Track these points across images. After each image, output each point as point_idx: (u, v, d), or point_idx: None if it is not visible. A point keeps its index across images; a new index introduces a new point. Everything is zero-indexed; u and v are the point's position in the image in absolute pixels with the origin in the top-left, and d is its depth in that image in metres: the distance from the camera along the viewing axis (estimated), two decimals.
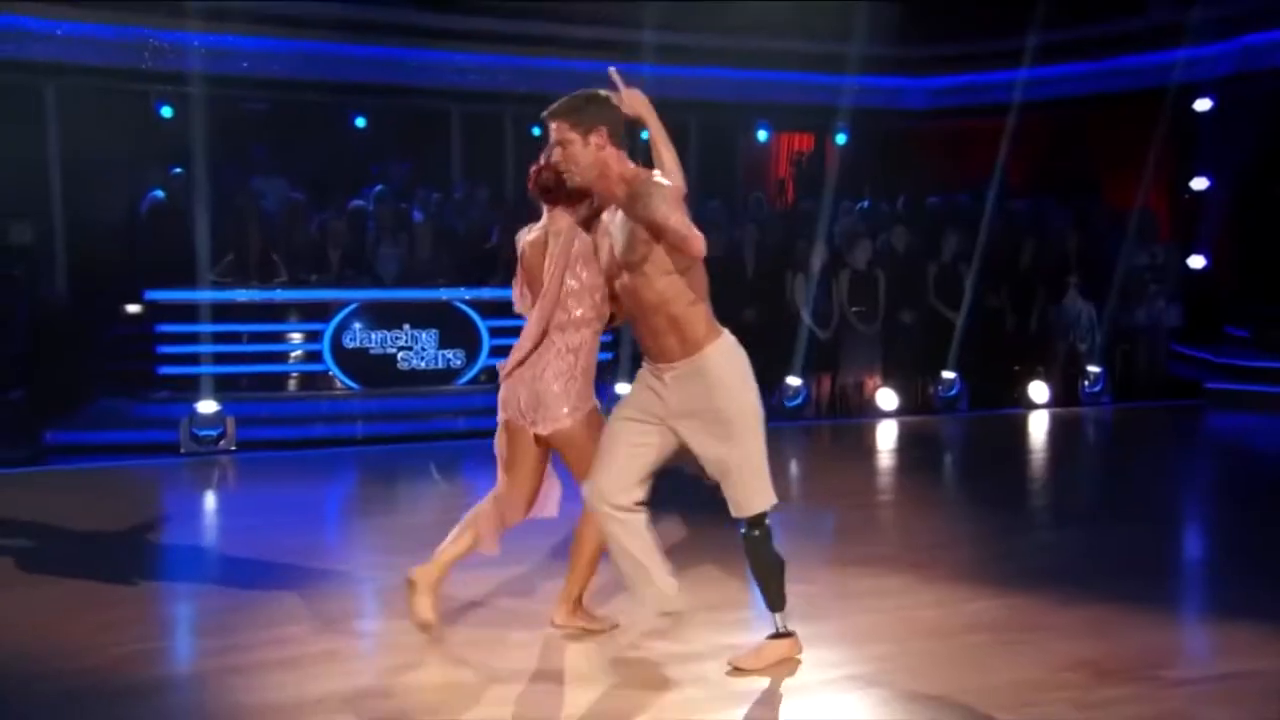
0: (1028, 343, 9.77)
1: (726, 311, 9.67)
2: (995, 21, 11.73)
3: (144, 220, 9.31)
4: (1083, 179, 11.97)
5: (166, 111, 10.48)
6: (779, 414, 8.70)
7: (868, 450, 8.04)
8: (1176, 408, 9.55)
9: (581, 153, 3.38)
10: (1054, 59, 11.55)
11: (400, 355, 8.98)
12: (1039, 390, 9.35)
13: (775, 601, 3.66)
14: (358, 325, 8.84)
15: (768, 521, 3.59)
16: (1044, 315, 9.77)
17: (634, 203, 3.28)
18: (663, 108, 10.33)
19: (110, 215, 9.75)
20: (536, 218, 10.50)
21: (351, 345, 8.80)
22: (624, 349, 8.82)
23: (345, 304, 8.78)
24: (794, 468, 7.69)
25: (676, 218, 3.20)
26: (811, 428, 8.65)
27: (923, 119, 12.96)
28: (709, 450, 3.48)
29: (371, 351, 8.89)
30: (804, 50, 11.76)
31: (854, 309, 9.03)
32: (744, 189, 12.78)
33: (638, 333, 3.55)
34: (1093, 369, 9.56)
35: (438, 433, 8.51)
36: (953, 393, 9.10)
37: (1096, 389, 9.55)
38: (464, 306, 9.15)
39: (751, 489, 3.51)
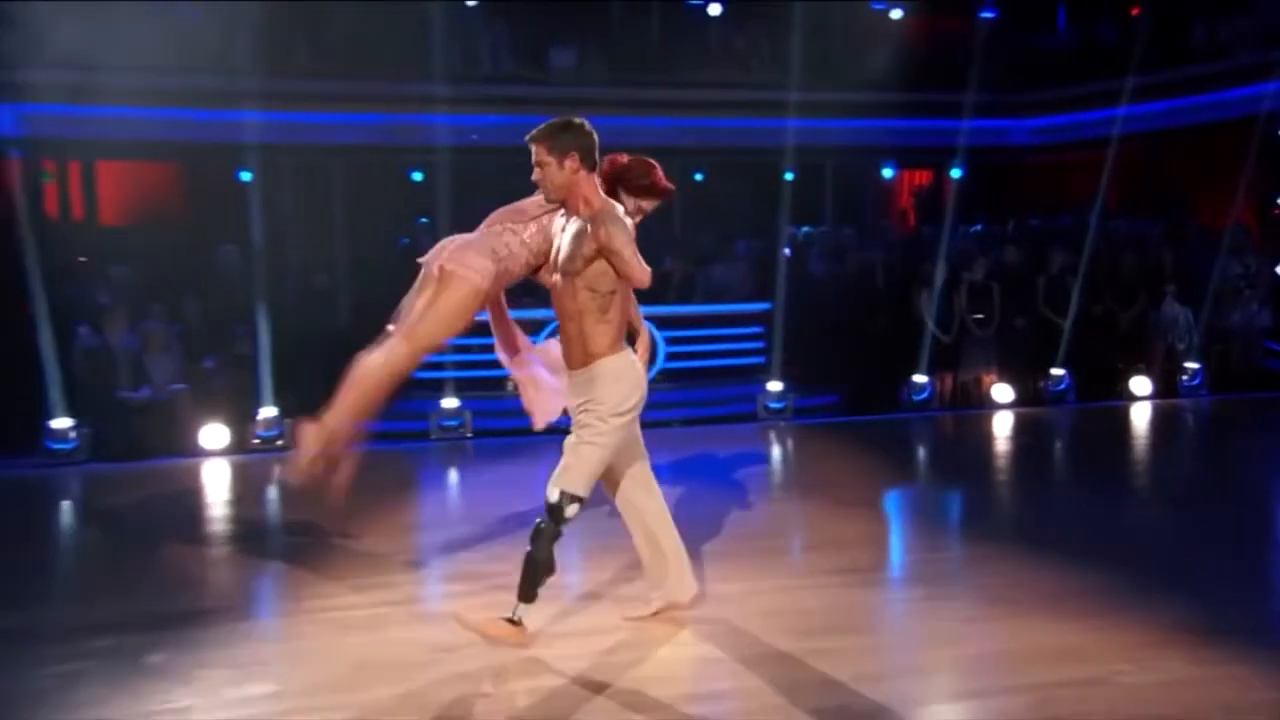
0: (1129, 343, 9.12)
1: (860, 321, 9.50)
2: (1090, 66, 11.13)
3: (398, 260, 9.87)
4: (1176, 201, 11.14)
5: (417, 176, 11.10)
6: (907, 407, 8.46)
7: (985, 438, 7.69)
8: (1270, 400, 8.72)
9: (556, 174, 3.25)
10: (1148, 97, 10.81)
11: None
12: (1141, 384, 8.70)
13: (528, 594, 3.26)
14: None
15: (563, 525, 3.25)
16: (1144, 319, 9.12)
17: (596, 225, 3.16)
18: (803, 153, 10.17)
19: (377, 259, 10.41)
20: (697, 247, 10.37)
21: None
22: (775, 353, 8.80)
23: (549, 321, 9.07)
24: (922, 453, 7.47)
25: (630, 250, 3.14)
26: (936, 418, 8.34)
27: (1028, 154, 12.34)
28: (569, 442, 3.32)
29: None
30: (924, 100, 11.41)
31: (973, 316, 8.72)
32: (873, 218, 12.51)
33: (559, 333, 3.40)
34: (1190, 365, 8.84)
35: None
36: (1061, 387, 8.60)
37: (1195, 383, 8.81)
38: (645, 322, 9.30)
39: (566, 472, 3.25)
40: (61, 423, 7.05)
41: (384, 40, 10.45)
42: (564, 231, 3.33)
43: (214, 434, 7.32)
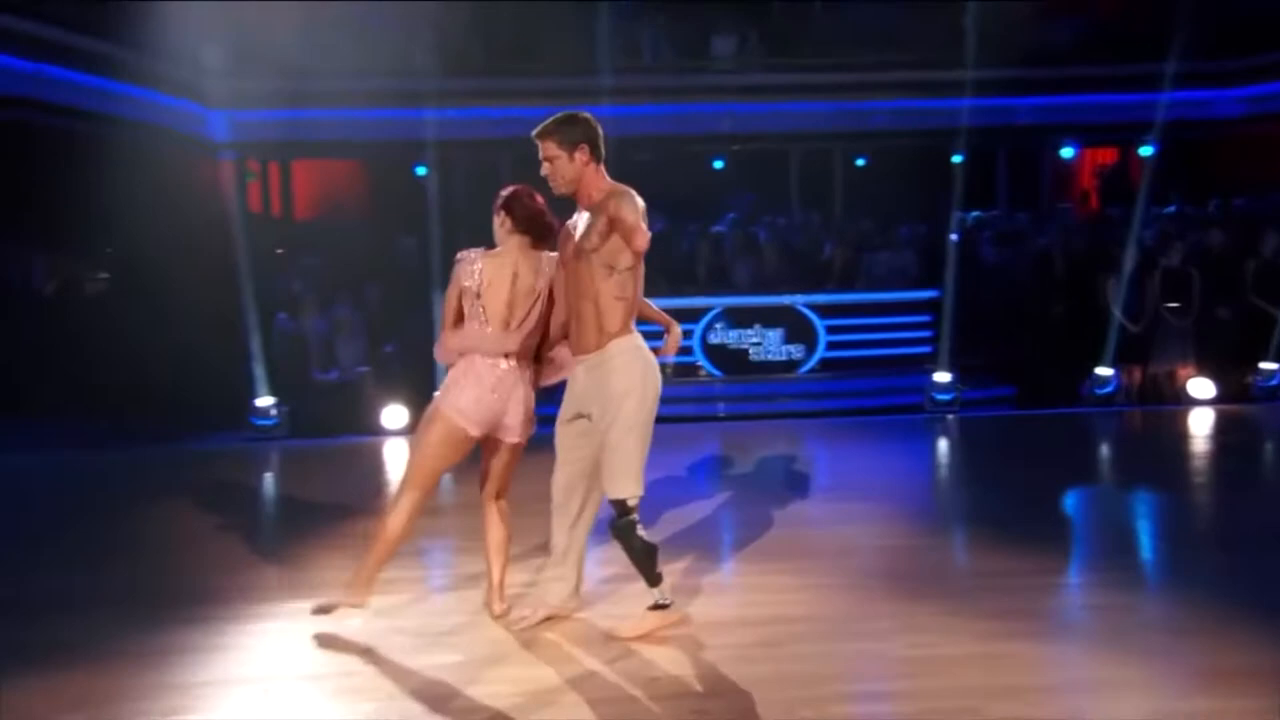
0: None
1: (1038, 308, 8.97)
2: None
3: None
4: None
5: None
6: (1089, 401, 7.89)
7: (1181, 436, 7.06)
8: None
9: (567, 167, 3.24)
10: None
11: (752, 349, 9.15)
12: None
13: (651, 579, 3.33)
14: (719, 325, 9.12)
15: (634, 515, 3.26)
16: None
17: (608, 200, 3.15)
18: (974, 135, 9.63)
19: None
20: (859, 234, 9.87)
21: (715, 341, 9.08)
22: (943, 343, 8.44)
23: (710, 308, 9.08)
24: (1107, 450, 6.95)
25: (634, 217, 3.11)
26: (1122, 414, 7.74)
27: (1235, 126, 11.18)
28: (598, 435, 3.25)
29: (730, 346, 9.13)
30: (1112, 74, 10.56)
31: (1167, 305, 7.98)
32: (1050, 201, 11.74)
33: (569, 329, 3.33)
34: None
35: (782, 413, 8.58)
36: (1274, 382, 7.76)
37: None
38: (804, 309, 9.17)
39: (617, 475, 3.22)
40: (264, 401, 7.70)
41: (549, 36, 10.76)
42: (578, 223, 3.33)
43: (394, 414, 7.78)
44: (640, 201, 3.21)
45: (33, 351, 7.90)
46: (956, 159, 10.70)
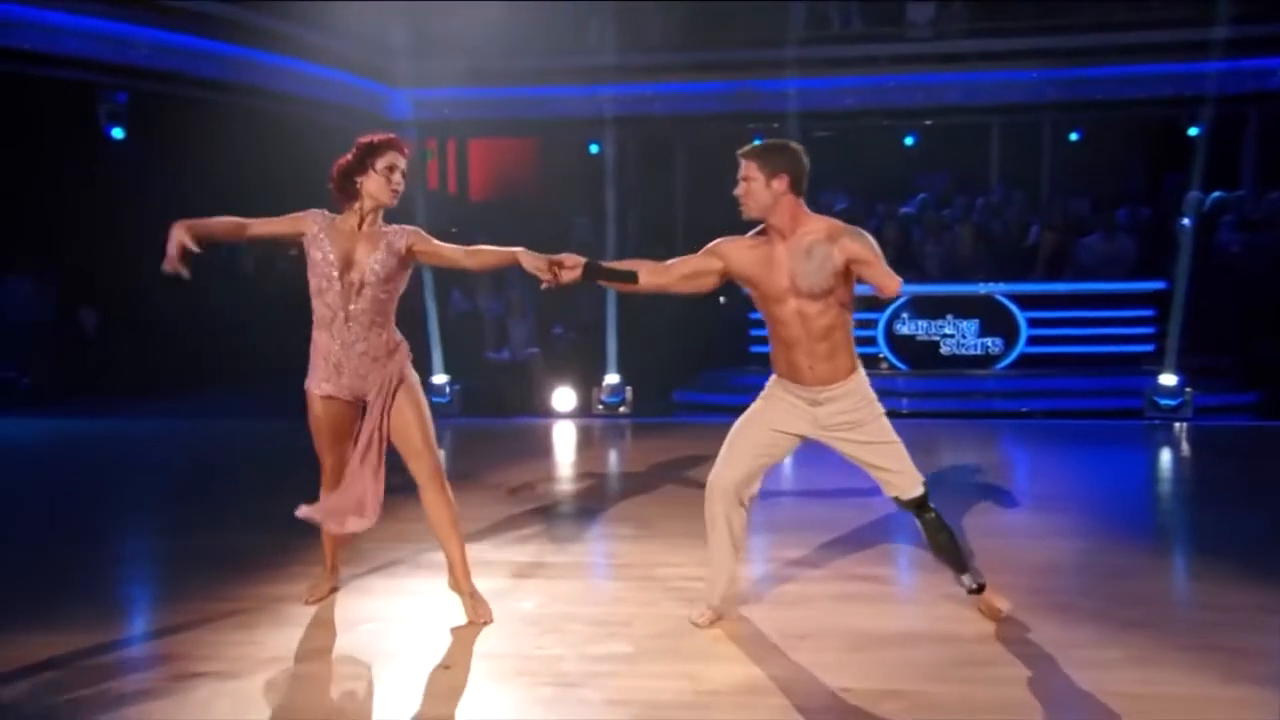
0: None
1: None
2: None
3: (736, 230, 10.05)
4: None
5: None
6: None
7: None
8: None
9: (761, 191, 3.26)
10: None
11: (943, 341, 8.75)
12: None
13: (961, 564, 3.52)
14: (907, 314, 8.78)
15: (933, 504, 3.42)
16: None
17: (838, 238, 3.19)
18: (1216, 103, 8.63)
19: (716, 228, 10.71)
20: (1069, 216, 9.23)
21: (902, 332, 8.76)
22: (1170, 341, 7.73)
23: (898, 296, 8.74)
24: None
25: (880, 260, 3.16)
26: None
27: None
28: (864, 453, 3.39)
29: (918, 338, 8.78)
30: None
31: None
32: None
33: (790, 359, 3.33)
34: None
35: (975, 411, 8.17)
36: None
37: None
38: (1003, 299, 8.66)
39: (903, 474, 3.39)
40: (439, 378, 8.13)
41: (731, 6, 10.66)
42: (789, 257, 3.27)
43: (563, 397, 8.01)
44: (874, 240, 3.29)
45: (235, 327, 8.71)
46: (1193, 131, 9.74)
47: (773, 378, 3.48)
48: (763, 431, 3.44)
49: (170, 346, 8.77)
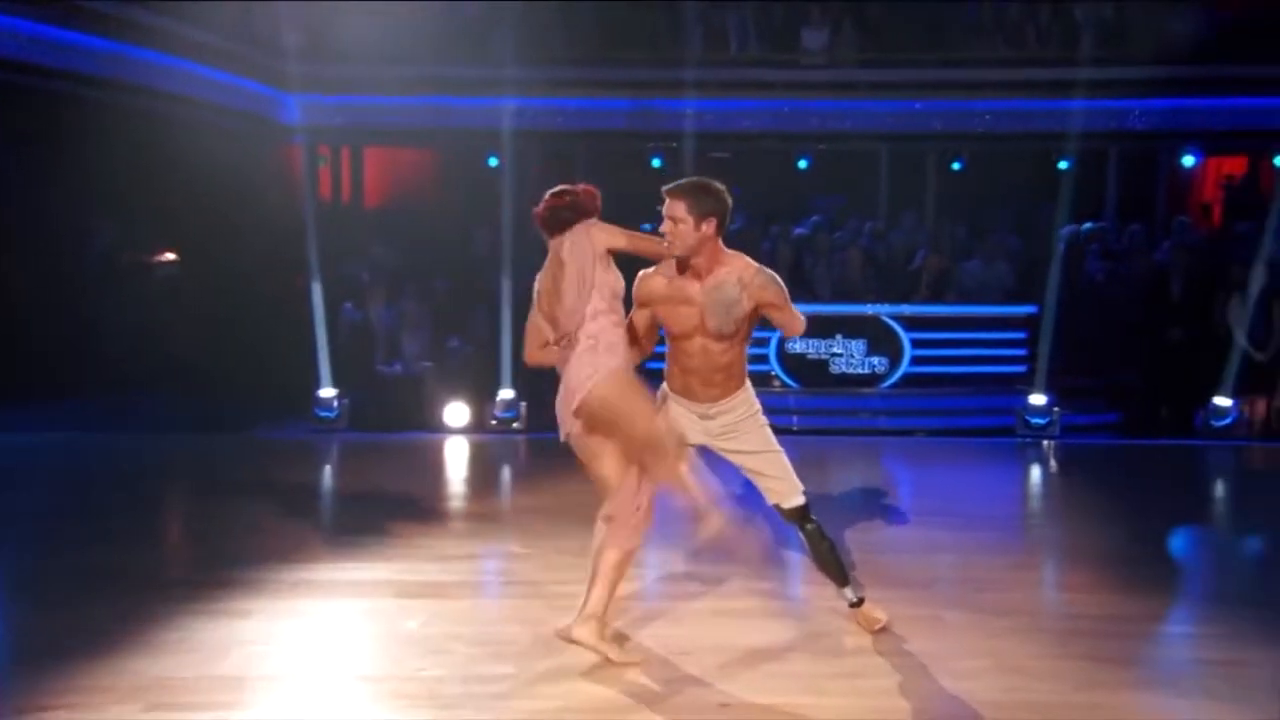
0: None
1: (1150, 330, 8.61)
2: None
3: None
4: None
5: (656, 162, 11.37)
6: (1205, 433, 7.55)
7: None
8: None
9: (690, 234, 3.30)
10: None
11: (833, 360, 9.02)
12: None
13: (841, 577, 3.64)
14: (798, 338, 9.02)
15: (814, 515, 3.54)
16: None
17: (750, 280, 3.32)
18: (1084, 138, 9.22)
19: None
20: (952, 242, 9.58)
21: (793, 351, 8.97)
22: (1040, 362, 8.18)
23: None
24: (1223, 488, 6.65)
25: (788, 304, 3.37)
26: (1241, 449, 7.38)
27: None
28: (748, 461, 3.50)
29: (809, 357, 9.01)
30: (1245, 74, 10.10)
31: None
32: (1166, 213, 11.29)
33: (686, 381, 3.43)
34: None
35: (862, 429, 8.44)
36: None
37: None
38: (889, 320, 9.00)
39: (783, 481, 3.49)
40: (327, 392, 7.90)
41: (631, 26, 10.78)
42: (700, 295, 3.34)
43: (456, 412, 7.89)
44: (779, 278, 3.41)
45: (106, 325, 8.25)
46: (1063, 165, 10.37)
47: (666, 389, 3.53)
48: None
49: (34, 352, 8.26)
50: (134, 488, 5.87)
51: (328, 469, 6.83)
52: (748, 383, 3.52)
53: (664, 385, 3.55)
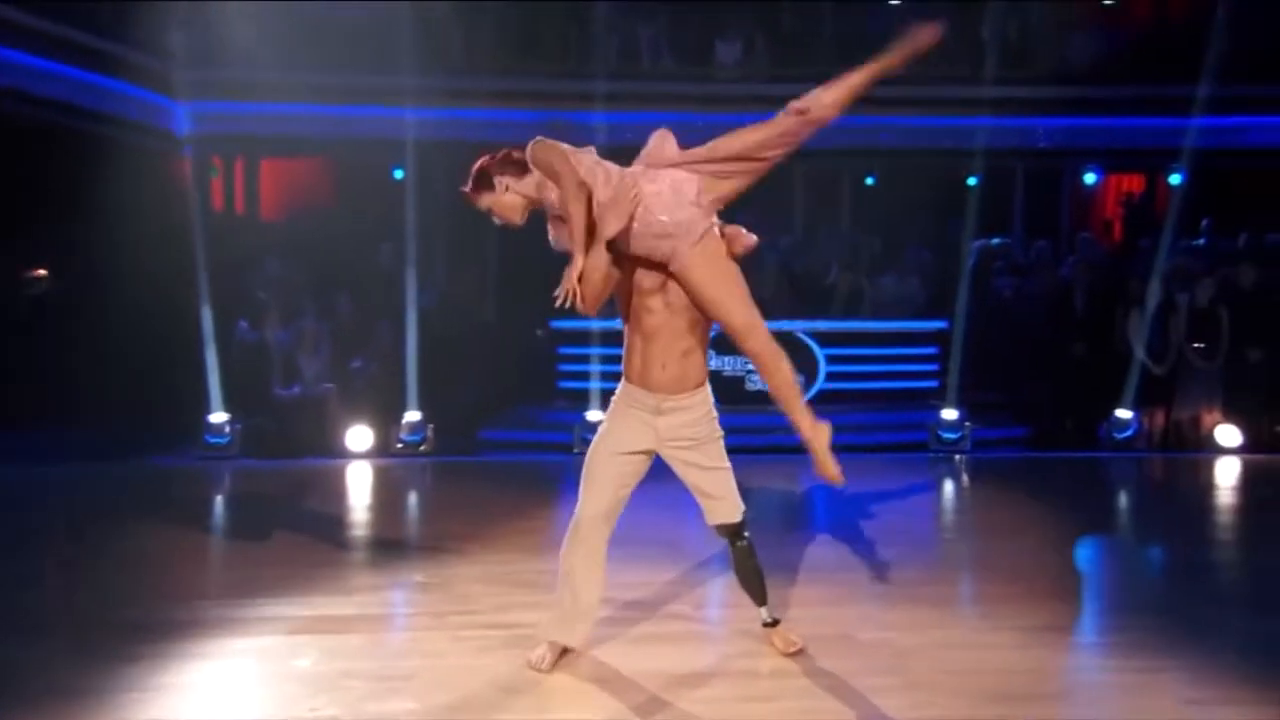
0: None
1: (1055, 344, 8.99)
2: None
3: (545, 260, 10.13)
4: None
5: None
6: (1107, 445, 7.91)
7: (1205, 486, 7.07)
8: None
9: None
10: None
11: (748, 377, 9.14)
12: None
13: (762, 597, 3.68)
14: (714, 350, 9.10)
15: (747, 533, 3.59)
16: None
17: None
18: (991, 156, 9.66)
19: (526, 258, 10.72)
20: (867, 257, 9.83)
21: (710, 367, 9.05)
22: (951, 378, 8.45)
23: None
24: (1125, 498, 6.95)
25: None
26: (1141, 460, 7.75)
27: (1271, 156, 11.29)
28: (696, 477, 3.50)
29: (725, 373, 9.11)
30: (1141, 95, 10.69)
31: (1194, 345, 8.04)
32: (1070, 229, 11.84)
33: (649, 352, 3.41)
34: None
35: (778, 446, 8.56)
36: None
37: None
38: (804, 336, 9.17)
39: (726, 500, 3.52)
40: (218, 417, 7.63)
41: (540, 36, 10.79)
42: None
43: (359, 436, 7.72)
44: None
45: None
46: (971, 182, 10.78)
47: (620, 389, 3.52)
48: (614, 461, 3.49)
49: None
50: (16, 523, 5.56)
51: (218, 499, 6.59)
52: (708, 388, 3.52)
53: (617, 392, 3.53)
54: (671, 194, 3.26)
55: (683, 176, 3.31)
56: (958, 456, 7.72)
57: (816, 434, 3.37)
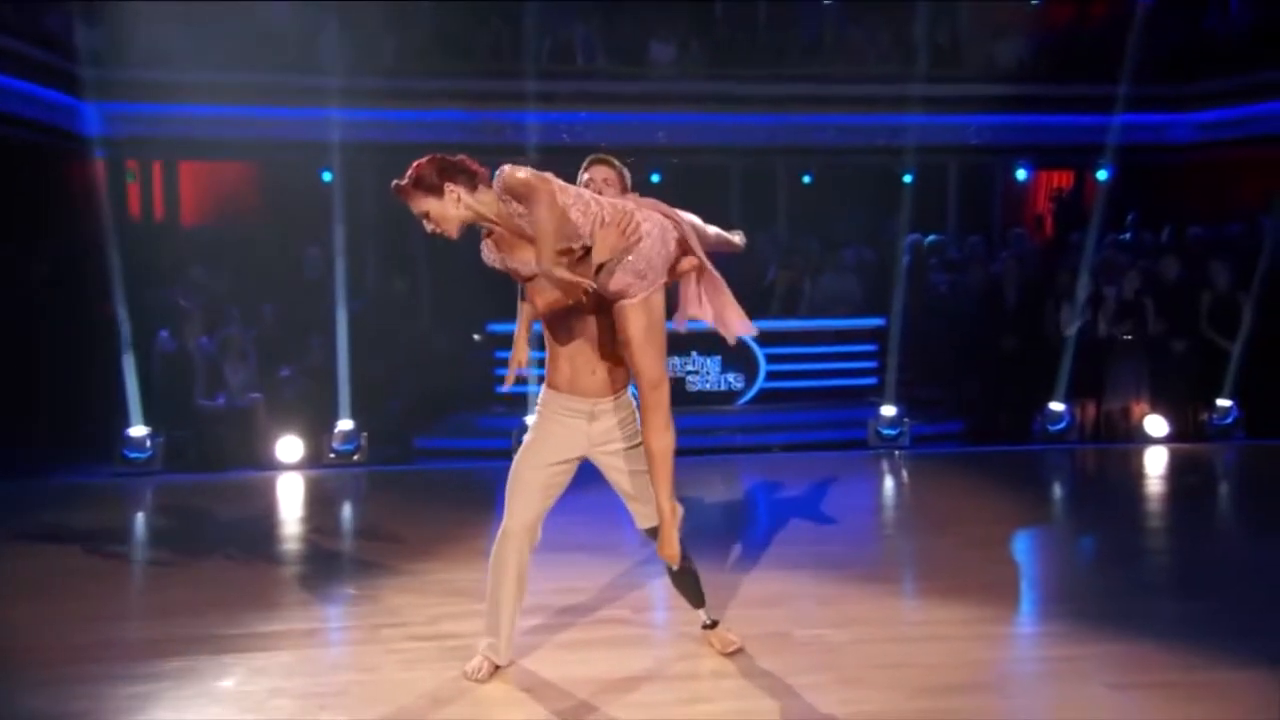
0: None
1: (987, 339, 9.21)
2: (1267, 53, 10.57)
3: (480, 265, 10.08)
4: None
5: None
6: (1041, 438, 8.14)
7: (1135, 476, 7.33)
8: None
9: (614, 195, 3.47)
10: None
11: (689, 378, 9.20)
12: None
13: (700, 599, 3.75)
14: None
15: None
16: None
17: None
18: (925, 153, 9.91)
19: (459, 264, 10.65)
20: (804, 256, 9.96)
21: None
22: (890, 374, 8.61)
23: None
24: (1059, 490, 7.16)
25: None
26: (1074, 451, 7.99)
27: (1190, 152, 11.76)
28: (624, 481, 3.54)
29: None
30: (1067, 93, 11.05)
31: (1121, 336, 8.34)
32: (1002, 224, 12.18)
33: (576, 359, 3.46)
34: None
35: (720, 447, 8.63)
36: (1228, 420, 8.09)
37: None
38: (743, 336, 9.27)
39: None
40: (138, 431, 7.43)
41: (471, 34, 10.74)
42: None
43: (289, 446, 7.58)
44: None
45: None
46: (906, 178, 11.02)
47: (545, 398, 3.52)
48: (542, 470, 3.50)
49: None
50: None
51: (138, 516, 6.42)
52: (629, 391, 3.57)
53: (542, 396, 3.54)
54: (660, 239, 3.31)
55: (669, 225, 3.35)
56: (897, 452, 7.88)
57: (673, 511, 3.41)
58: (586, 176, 3.54)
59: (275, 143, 10.30)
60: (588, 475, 3.63)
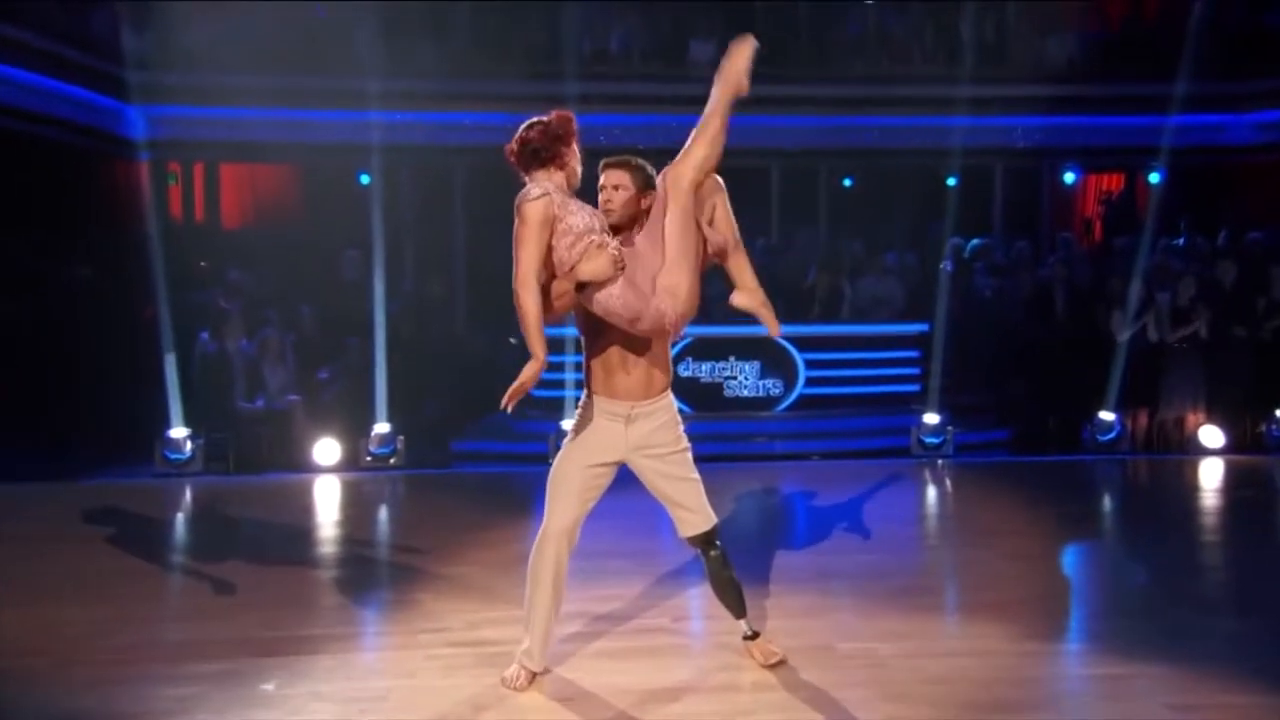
0: None
1: (1037, 345, 9.05)
2: None
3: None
4: None
5: None
6: (1091, 448, 8.01)
7: (1189, 488, 7.18)
8: None
9: (632, 203, 3.49)
10: None
11: (726, 384, 9.17)
12: None
13: (741, 610, 3.70)
14: (690, 357, 9.14)
15: (719, 542, 3.61)
16: None
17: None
18: (970, 155, 9.80)
19: (496, 266, 10.72)
20: (845, 259, 9.88)
21: (685, 374, 9.09)
22: (933, 381, 8.52)
23: (681, 338, 9.08)
24: (1109, 501, 7.04)
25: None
26: (1126, 462, 7.86)
27: (1249, 153, 11.50)
28: (665, 486, 3.54)
29: (702, 380, 9.14)
30: (1119, 94, 10.87)
31: (1176, 343, 8.18)
32: (1051, 229, 12.00)
33: (610, 363, 3.48)
34: None
35: (757, 454, 8.59)
36: None
37: None
38: (782, 340, 9.20)
39: (700, 512, 3.56)
40: (178, 432, 7.56)
41: (509, 37, 10.80)
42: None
43: (326, 449, 7.68)
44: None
45: None
46: (951, 181, 10.90)
47: (585, 403, 3.55)
48: (581, 473, 3.51)
49: None
50: None
51: (179, 517, 6.53)
52: (671, 394, 3.57)
53: (582, 402, 3.55)
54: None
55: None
56: (940, 461, 7.79)
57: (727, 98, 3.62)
58: (601, 180, 3.52)
59: (314, 145, 10.44)
60: (624, 481, 3.63)
